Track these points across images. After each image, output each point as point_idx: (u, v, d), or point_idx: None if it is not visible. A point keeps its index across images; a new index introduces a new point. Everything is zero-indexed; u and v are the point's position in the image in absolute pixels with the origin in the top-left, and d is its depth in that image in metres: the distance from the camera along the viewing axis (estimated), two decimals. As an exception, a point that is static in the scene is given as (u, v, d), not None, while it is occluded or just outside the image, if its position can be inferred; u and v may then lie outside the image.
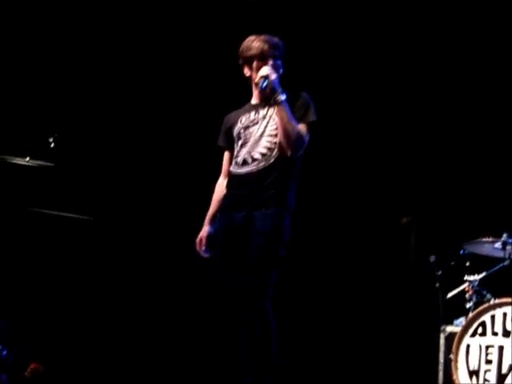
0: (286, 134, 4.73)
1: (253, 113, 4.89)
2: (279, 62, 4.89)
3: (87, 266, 6.35)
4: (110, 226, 6.68)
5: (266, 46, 4.87)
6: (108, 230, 6.65)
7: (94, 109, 6.88)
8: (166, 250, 6.78)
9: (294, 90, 4.86)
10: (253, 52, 4.89)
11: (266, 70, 4.75)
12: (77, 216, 5.94)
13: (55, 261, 5.91)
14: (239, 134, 4.91)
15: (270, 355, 4.70)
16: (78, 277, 6.18)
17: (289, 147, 4.74)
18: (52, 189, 6.06)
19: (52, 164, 6.09)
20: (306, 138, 4.79)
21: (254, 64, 4.86)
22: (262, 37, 4.93)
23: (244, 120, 4.91)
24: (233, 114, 5.02)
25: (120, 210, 6.81)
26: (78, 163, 6.66)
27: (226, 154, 5.01)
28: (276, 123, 4.78)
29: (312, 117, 4.81)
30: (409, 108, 7.11)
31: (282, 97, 4.73)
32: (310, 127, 4.81)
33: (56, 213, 5.86)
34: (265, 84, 4.70)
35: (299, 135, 4.74)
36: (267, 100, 4.80)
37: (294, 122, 4.73)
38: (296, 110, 4.81)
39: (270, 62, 4.82)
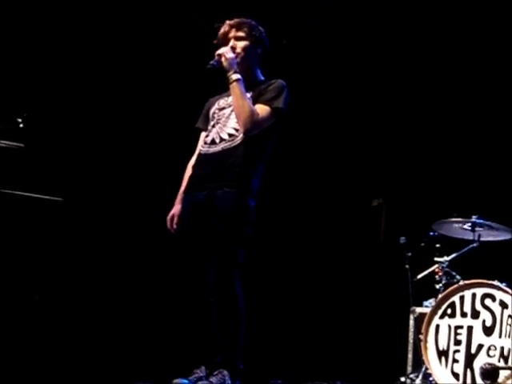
0: (237, 110, 4.77)
1: (231, 96, 4.89)
2: (244, 44, 4.88)
3: (58, 249, 6.30)
4: (80, 208, 6.64)
5: (227, 28, 4.90)
6: (79, 211, 6.61)
7: (64, 88, 6.82)
8: (137, 230, 6.75)
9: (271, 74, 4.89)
10: (218, 38, 4.92)
11: (220, 50, 4.80)
12: (47, 197, 5.90)
13: (25, 243, 5.87)
14: (213, 114, 4.94)
15: (238, 335, 4.74)
16: (48, 259, 6.14)
17: (240, 125, 4.76)
18: (22, 170, 6.00)
19: (21, 145, 6.02)
20: (263, 120, 4.78)
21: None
22: (229, 21, 4.94)
23: (221, 102, 4.95)
24: (214, 98, 5.06)
25: (91, 191, 6.77)
26: (48, 144, 6.61)
27: (202, 135, 5.03)
28: None
29: (278, 103, 4.81)
30: (381, 93, 7.12)
31: (235, 76, 4.75)
32: (275, 112, 4.80)
33: (26, 194, 5.82)
34: (214, 62, 4.77)
35: (252, 114, 4.73)
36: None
37: (246, 101, 4.75)
38: (265, 92, 4.83)
39: (230, 44, 4.84)
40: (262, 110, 4.78)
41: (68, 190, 6.35)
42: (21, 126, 6.09)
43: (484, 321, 5.48)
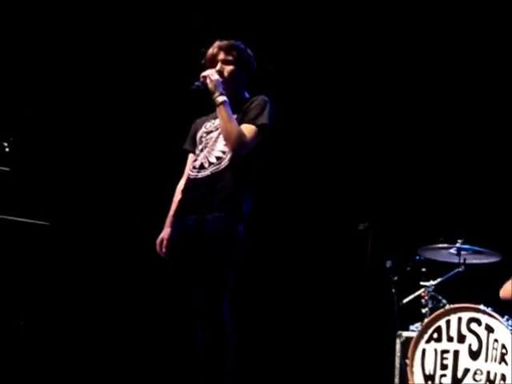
0: (225, 134, 4.77)
1: (217, 119, 4.90)
2: (231, 68, 4.89)
3: (44, 272, 6.29)
4: (67, 232, 6.62)
5: (216, 50, 4.91)
6: (65, 235, 6.60)
7: (50, 112, 6.82)
8: (125, 252, 6.74)
9: (256, 93, 4.90)
10: (207, 60, 4.94)
11: (206, 72, 4.82)
12: (33, 221, 5.88)
13: (12, 267, 5.85)
14: (201, 138, 4.95)
15: (226, 360, 4.72)
16: (34, 283, 6.12)
17: (229, 147, 4.77)
18: (7, 194, 5.99)
19: (7, 169, 6.02)
20: (251, 140, 4.77)
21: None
22: (217, 43, 4.95)
23: (208, 125, 4.96)
24: (201, 119, 5.06)
25: (77, 214, 6.76)
26: (34, 168, 6.60)
27: (190, 157, 5.04)
28: None
29: (262, 120, 4.80)
30: (364, 113, 7.16)
31: (221, 98, 4.76)
32: (261, 130, 4.80)
33: (12, 218, 5.80)
34: (199, 83, 4.78)
35: (239, 135, 4.73)
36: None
37: (233, 123, 4.75)
38: (249, 110, 4.84)
39: (218, 67, 4.86)
40: (248, 129, 4.78)
41: (54, 214, 6.33)
42: (6, 149, 6.08)
43: (470, 345, 5.49)
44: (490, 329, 5.45)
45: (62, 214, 6.59)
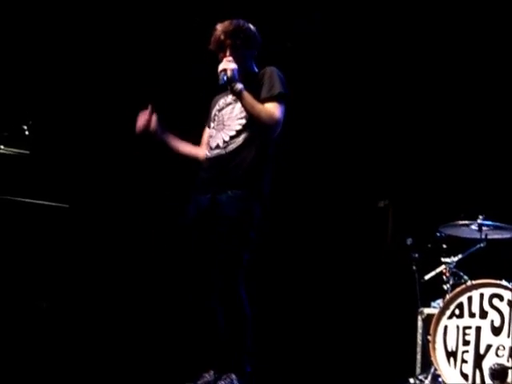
0: (255, 118, 4.77)
1: (230, 96, 4.91)
2: (242, 52, 4.88)
3: (64, 254, 6.31)
4: (86, 214, 6.64)
5: (222, 37, 4.90)
6: (84, 217, 6.62)
7: (69, 96, 6.83)
8: (142, 235, 6.76)
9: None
10: (213, 45, 4.93)
11: (222, 65, 4.81)
12: (53, 204, 5.90)
13: (31, 249, 5.87)
14: (214, 116, 4.96)
15: (245, 338, 4.74)
16: (54, 265, 6.15)
17: (263, 129, 4.76)
18: (28, 177, 6.01)
19: (27, 151, 6.03)
20: (280, 114, 4.78)
21: (220, 56, 4.91)
22: (221, 26, 4.94)
23: (221, 103, 4.97)
24: (217, 97, 5.07)
25: (96, 197, 6.77)
26: (53, 151, 6.62)
27: (206, 130, 5.05)
28: None
29: (277, 89, 4.80)
30: (384, 91, 7.13)
31: (239, 86, 4.75)
32: (280, 99, 4.80)
33: (32, 201, 5.82)
34: (224, 78, 4.78)
35: (268, 115, 4.74)
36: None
37: (259, 106, 4.75)
38: (262, 87, 4.83)
39: (228, 53, 4.85)
40: (272, 107, 4.78)
41: (74, 196, 6.36)
42: (26, 133, 6.10)
43: (492, 321, 5.47)
44: (512, 304, 5.43)
45: (82, 197, 6.60)
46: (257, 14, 5.38)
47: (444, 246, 5.98)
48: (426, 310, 5.91)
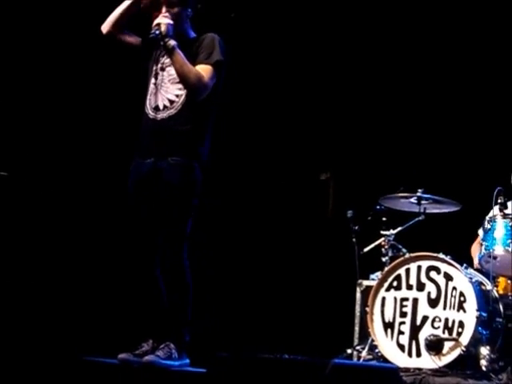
0: (182, 78, 4.74)
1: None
2: (177, 9, 4.84)
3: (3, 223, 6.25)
4: (26, 182, 6.56)
5: None
6: (24, 185, 6.53)
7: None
8: (82, 205, 6.70)
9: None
10: (147, 4, 4.89)
11: (157, 20, 4.78)
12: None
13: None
14: (156, 72, 4.87)
15: (186, 308, 4.74)
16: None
17: (189, 90, 4.74)
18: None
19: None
20: (209, 79, 4.74)
21: (154, 15, 4.86)
22: None
23: (162, 60, 4.87)
24: (157, 50, 4.94)
25: (36, 164, 6.68)
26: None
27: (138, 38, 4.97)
28: None
29: (216, 56, 4.77)
30: (323, 59, 7.14)
31: (172, 42, 4.73)
32: (216, 67, 4.77)
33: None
34: (157, 33, 4.74)
35: (198, 77, 4.71)
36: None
37: (189, 66, 4.73)
38: (201, 51, 4.81)
39: (163, 10, 4.81)
40: (204, 70, 4.74)
41: (13, 165, 6.27)
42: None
43: (429, 293, 5.54)
44: (448, 277, 5.50)
45: (21, 165, 6.51)
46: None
47: (384, 218, 6.03)
48: (365, 282, 5.97)
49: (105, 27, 4.94)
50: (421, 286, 5.57)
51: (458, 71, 6.88)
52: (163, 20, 4.76)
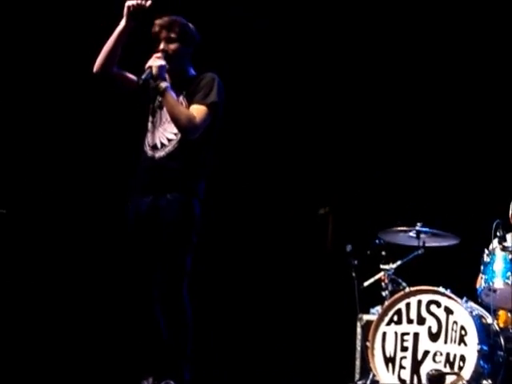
0: (173, 119, 4.73)
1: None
2: (175, 45, 4.83)
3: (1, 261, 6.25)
4: (24, 219, 6.56)
5: (157, 29, 4.86)
6: (22, 223, 6.53)
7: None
8: (83, 240, 6.70)
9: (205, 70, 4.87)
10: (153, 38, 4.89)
11: (149, 62, 4.76)
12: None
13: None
14: (155, 112, 4.87)
15: (186, 345, 4.72)
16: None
17: (180, 131, 4.74)
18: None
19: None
20: (202, 121, 4.72)
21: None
22: (158, 21, 4.89)
23: (159, 99, 4.86)
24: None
25: (34, 202, 6.68)
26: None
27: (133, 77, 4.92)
28: None
29: (212, 98, 4.75)
30: (323, 96, 7.17)
31: (163, 84, 4.72)
32: (211, 108, 4.75)
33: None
34: (147, 75, 4.71)
35: (188, 119, 4.69)
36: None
37: (180, 108, 4.73)
38: (198, 90, 4.80)
39: (161, 45, 4.81)
40: (198, 110, 4.74)
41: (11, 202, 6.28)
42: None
43: (430, 327, 5.53)
44: (449, 311, 5.50)
45: (19, 202, 6.51)
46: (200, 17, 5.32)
47: (383, 252, 6.02)
48: (365, 317, 5.95)
49: (96, 66, 4.88)
50: (421, 321, 5.56)
51: (455, 100, 6.91)
52: (155, 62, 4.75)
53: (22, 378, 6.11)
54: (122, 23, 4.80)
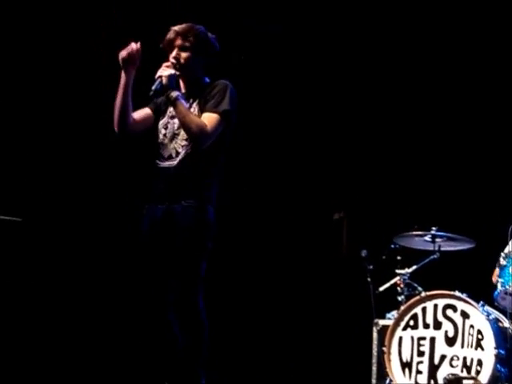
0: (184, 128, 4.72)
1: None
2: (187, 54, 4.81)
3: (17, 269, 6.26)
4: (39, 228, 6.57)
5: (173, 36, 4.84)
6: (38, 231, 6.55)
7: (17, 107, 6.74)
8: (98, 249, 6.71)
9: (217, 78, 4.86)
10: (165, 44, 4.87)
11: (159, 72, 4.75)
12: (5, 218, 5.83)
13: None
14: (167, 124, 4.88)
15: (201, 351, 4.70)
16: (7, 280, 6.10)
17: (191, 140, 4.73)
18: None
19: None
20: (213, 129, 4.70)
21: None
22: (174, 27, 4.87)
23: (171, 108, 4.86)
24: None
25: (50, 210, 6.70)
26: (4, 163, 6.55)
27: (145, 110, 4.91)
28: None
29: (224, 106, 4.72)
30: (337, 102, 7.16)
31: (174, 94, 4.70)
32: (223, 116, 4.73)
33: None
34: (157, 86, 4.69)
35: (200, 128, 4.66)
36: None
37: (191, 116, 4.70)
38: (210, 98, 4.78)
39: (174, 53, 4.79)
40: (209, 118, 4.72)
41: (27, 210, 6.29)
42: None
43: (446, 331, 5.52)
44: (465, 315, 5.48)
45: (35, 211, 6.53)
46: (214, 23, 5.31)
47: (398, 257, 6.01)
48: (381, 322, 5.93)
49: (115, 127, 4.83)
50: (438, 325, 5.55)
51: (472, 105, 6.90)
52: (164, 72, 4.73)
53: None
54: (123, 76, 4.76)
